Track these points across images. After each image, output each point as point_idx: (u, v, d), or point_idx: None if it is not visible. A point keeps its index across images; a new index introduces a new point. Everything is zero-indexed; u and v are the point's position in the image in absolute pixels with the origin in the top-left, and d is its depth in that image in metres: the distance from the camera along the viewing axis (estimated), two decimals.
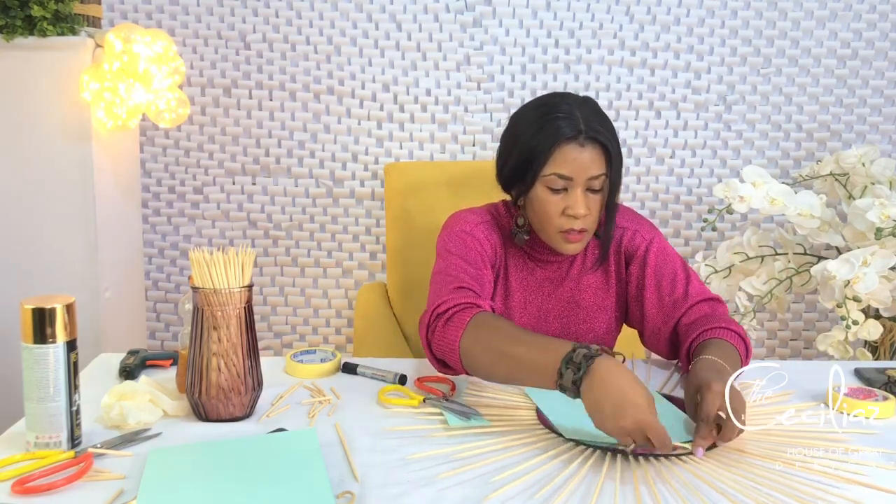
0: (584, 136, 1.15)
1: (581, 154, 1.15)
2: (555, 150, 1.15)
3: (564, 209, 1.17)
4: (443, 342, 1.08)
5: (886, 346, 1.79)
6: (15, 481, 0.84)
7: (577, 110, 1.16)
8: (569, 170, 1.15)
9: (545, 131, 1.16)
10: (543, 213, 1.19)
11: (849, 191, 1.85)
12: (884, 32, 2.09)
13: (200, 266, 1.01)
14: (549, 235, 1.21)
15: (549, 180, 1.17)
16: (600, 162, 1.16)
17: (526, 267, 1.30)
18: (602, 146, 1.16)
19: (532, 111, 1.21)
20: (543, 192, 1.18)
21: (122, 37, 1.65)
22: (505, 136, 1.26)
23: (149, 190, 2.14)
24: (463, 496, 0.84)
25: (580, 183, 1.16)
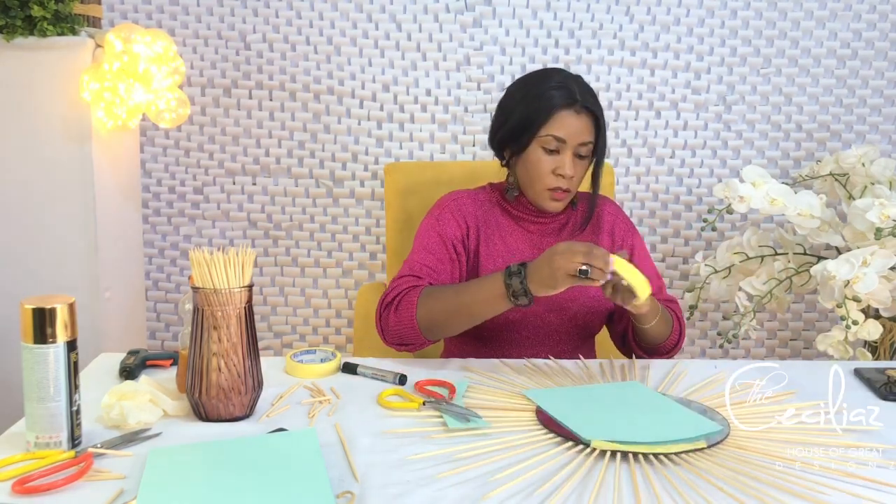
0: (580, 105, 1.30)
1: (576, 120, 1.30)
2: (553, 113, 1.29)
3: (554, 169, 1.32)
4: (398, 324, 1.25)
5: (886, 346, 1.79)
6: (15, 481, 0.84)
7: (573, 83, 1.32)
8: (564, 133, 1.30)
9: (546, 97, 1.30)
10: (535, 171, 1.33)
11: (849, 191, 1.85)
12: (884, 32, 2.09)
13: (200, 266, 1.01)
14: (537, 193, 1.35)
15: (544, 141, 1.31)
16: (590, 130, 1.32)
17: (515, 233, 1.41)
18: (593, 116, 1.32)
19: (531, 80, 1.35)
20: (537, 152, 1.32)
21: (122, 37, 1.65)
22: (505, 100, 1.39)
23: (149, 190, 2.14)
24: (462, 496, 0.84)
25: (571, 146, 1.31)
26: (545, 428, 1.02)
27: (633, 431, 1.00)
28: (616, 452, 0.94)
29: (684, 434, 0.99)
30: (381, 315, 1.28)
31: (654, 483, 0.87)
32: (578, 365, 1.29)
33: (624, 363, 1.31)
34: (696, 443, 0.97)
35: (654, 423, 1.04)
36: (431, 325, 1.24)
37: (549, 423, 1.02)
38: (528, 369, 1.26)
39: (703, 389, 1.18)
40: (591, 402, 1.10)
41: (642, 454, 0.94)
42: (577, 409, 1.06)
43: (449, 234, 1.37)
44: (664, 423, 1.03)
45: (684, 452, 0.95)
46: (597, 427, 1.00)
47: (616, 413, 1.07)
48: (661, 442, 0.98)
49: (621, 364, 1.30)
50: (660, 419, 1.05)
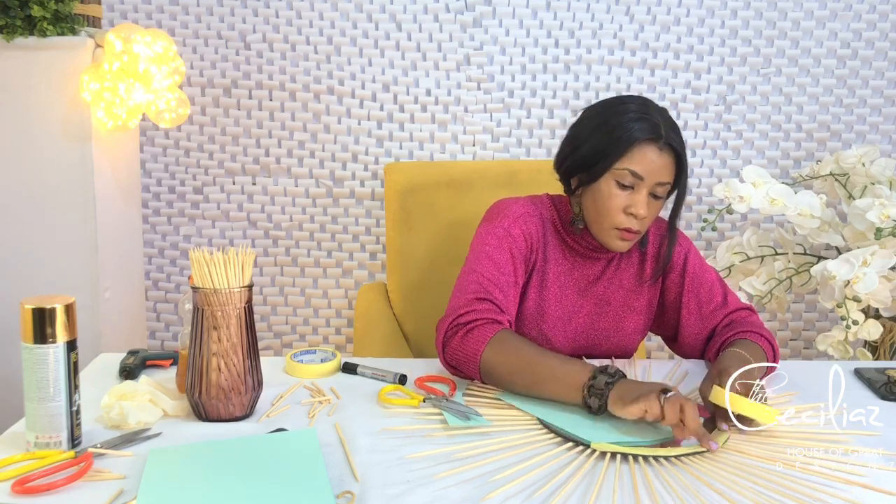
0: (664, 142, 1.18)
1: (658, 157, 1.18)
2: (635, 146, 1.18)
3: (626, 207, 1.20)
4: (460, 352, 1.13)
5: (886, 346, 1.79)
6: (15, 481, 0.84)
7: (659, 116, 1.20)
8: (642, 169, 1.18)
9: (629, 126, 1.18)
10: (605, 207, 1.21)
11: (849, 191, 1.85)
12: (884, 32, 2.09)
13: (200, 266, 1.01)
14: (603, 229, 1.24)
15: (620, 174, 1.19)
16: (671, 171, 1.20)
17: (565, 261, 1.31)
18: (677, 157, 1.20)
19: (613, 106, 1.23)
20: (609, 186, 1.20)
21: (122, 37, 1.65)
22: (578, 124, 1.27)
23: (149, 190, 2.14)
24: (462, 496, 0.84)
25: (648, 185, 1.19)
26: (545, 428, 1.02)
27: (626, 432, 0.99)
28: (616, 454, 0.94)
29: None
30: (448, 332, 1.15)
31: (653, 485, 0.87)
32: None
33: (625, 363, 1.31)
34: (696, 445, 0.96)
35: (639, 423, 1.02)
36: (492, 373, 1.12)
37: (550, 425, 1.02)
38: None
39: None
40: None
41: (642, 456, 0.94)
42: (561, 410, 1.05)
43: (517, 253, 1.25)
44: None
45: (685, 455, 0.94)
46: (590, 428, 0.99)
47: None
48: (660, 440, 0.98)
49: (622, 364, 1.30)
50: None
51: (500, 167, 1.95)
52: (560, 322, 1.30)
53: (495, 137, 2.12)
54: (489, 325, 1.14)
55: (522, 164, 2.00)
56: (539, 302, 1.29)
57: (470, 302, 1.17)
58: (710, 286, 1.31)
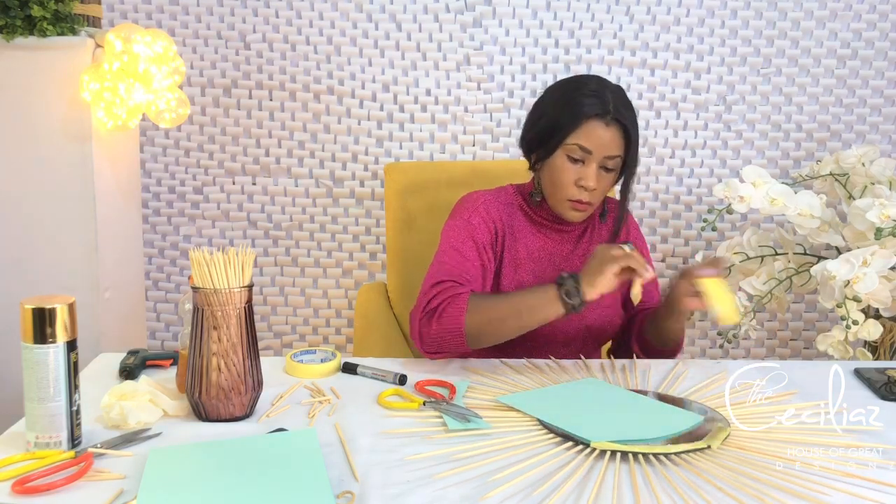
0: (611, 117, 1.25)
1: (605, 132, 1.25)
2: (582, 122, 1.25)
3: (577, 179, 1.28)
4: (443, 332, 1.20)
5: (886, 346, 1.79)
6: (15, 481, 0.84)
7: (608, 93, 1.26)
8: (590, 144, 1.25)
9: (576, 103, 1.26)
10: (558, 180, 1.29)
11: (849, 191, 1.85)
12: (884, 32, 2.09)
13: (200, 266, 1.01)
14: (558, 201, 1.32)
15: (570, 149, 1.27)
16: (619, 144, 1.27)
17: (536, 237, 1.38)
18: (624, 130, 1.27)
19: (566, 85, 1.31)
20: (562, 160, 1.28)
21: (122, 37, 1.65)
22: (537, 102, 1.35)
23: (149, 190, 2.14)
24: (462, 496, 0.84)
25: (597, 158, 1.26)
26: (545, 428, 1.02)
27: (627, 429, 1.00)
28: (616, 452, 0.94)
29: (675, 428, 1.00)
30: (421, 322, 1.22)
31: (653, 483, 0.87)
32: (578, 364, 1.28)
33: (625, 363, 1.30)
34: (696, 443, 0.97)
35: (641, 420, 1.04)
36: (479, 334, 1.20)
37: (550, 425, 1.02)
38: (528, 369, 1.26)
39: (704, 390, 1.18)
40: (568, 401, 1.11)
41: (642, 454, 0.94)
42: (561, 411, 1.06)
43: (480, 239, 1.33)
44: (653, 420, 1.04)
45: (684, 452, 0.95)
46: (589, 427, 1.00)
47: (597, 411, 1.07)
48: (659, 438, 0.98)
49: (622, 364, 1.30)
50: (643, 416, 1.06)
51: (500, 167, 1.95)
52: None
53: (495, 137, 2.12)
54: (456, 297, 1.21)
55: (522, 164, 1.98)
56: (516, 280, 1.35)
57: (431, 289, 1.24)
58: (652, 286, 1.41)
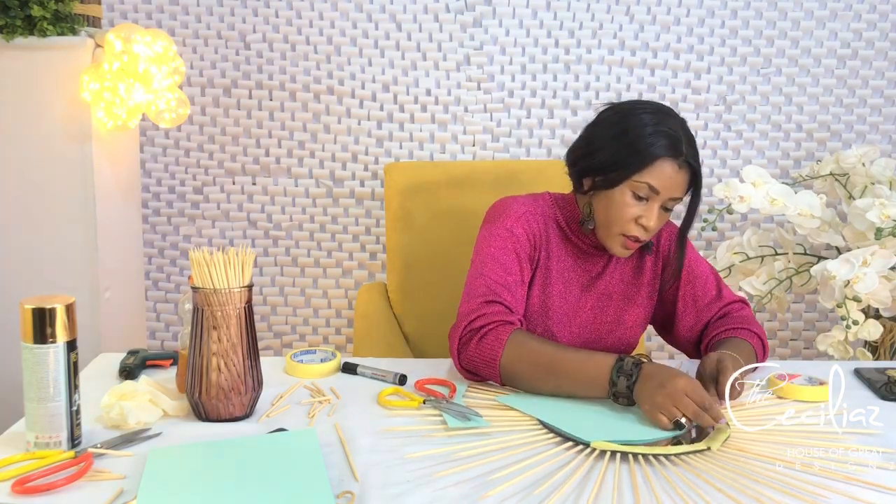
0: (683, 160, 1.19)
1: (676, 174, 1.19)
2: (655, 162, 1.18)
3: (638, 217, 1.21)
4: (478, 358, 1.15)
5: (886, 346, 1.79)
6: (15, 481, 0.84)
7: (680, 131, 1.20)
8: (660, 184, 1.19)
9: (651, 141, 1.18)
10: (617, 214, 1.22)
11: (849, 191, 1.85)
12: (884, 32, 2.09)
13: (200, 266, 1.01)
14: (610, 235, 1.25)
15: (637, 186, 1.20)
16: (685, 186, 1.22)
17: (568, 257, 1.32)
18: (693, 173, 1.22)
19: (640, 115, 1.22)
20: (625, 195, 1.21)
21: (122, 37, 1.65)
22: (603, 128, 1.26)
23: (149, 190, 2.14)
24: (462, 495, 0.84)
25: (662, 199, 1.21)
26: (545, 428, 1.02)
27: (627, 430, 1.00)
28: (615, 453, 0.94)
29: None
30: (462, 339, 1.17)
31: (653, 483, 0.87)
32: None
33: None
34: (696, 444, 0.97)
35: (642, 420, 1.04)
36: (513, 376, 1.14)
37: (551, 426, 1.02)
38: None
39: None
40: (567, 402, 1.10)
41: (642, 455, 0.94)
42: (560, 411, 1.06)
43: (522, 251, 1.26)
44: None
45: (685, 454, 0.95)
46: (589, 427, 1.00)
47: (597, 412, 1.07)
48: (659, 439, 0.98)
49: None
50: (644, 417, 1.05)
51: (500, 167, 1.95)
52: (565, 318, 1.31)
53: (495, 137, 2.12)
54: (502, 326, 1.15)
55: (522, 164, 2.00)
56: (543, 299, 1.30)
57: (480, 306, 1.18)
58: (705, 279, 1.34)
